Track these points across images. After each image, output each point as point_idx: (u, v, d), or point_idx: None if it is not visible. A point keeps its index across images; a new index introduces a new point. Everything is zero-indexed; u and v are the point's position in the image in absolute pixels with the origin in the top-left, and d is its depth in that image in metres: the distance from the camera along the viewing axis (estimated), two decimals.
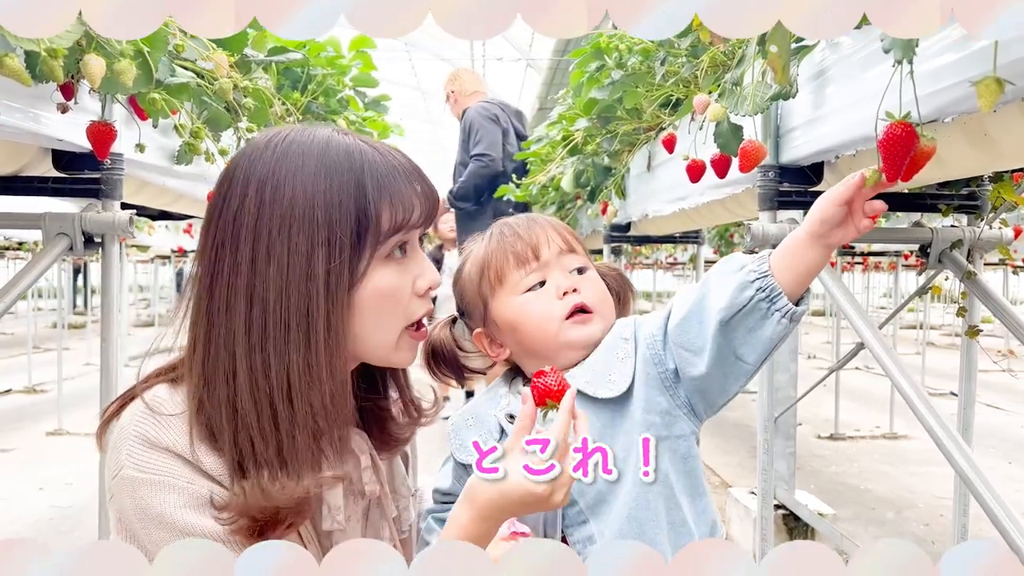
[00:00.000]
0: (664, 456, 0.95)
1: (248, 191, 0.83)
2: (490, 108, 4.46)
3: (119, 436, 0.86)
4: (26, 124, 1.21)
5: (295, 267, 0.82)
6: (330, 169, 0.84)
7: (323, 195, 0.83)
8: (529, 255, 1.01)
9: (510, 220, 1.06)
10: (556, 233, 1.03)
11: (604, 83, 2.30)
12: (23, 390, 6.08)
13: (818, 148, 1.31)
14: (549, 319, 0.99)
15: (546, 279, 1.00)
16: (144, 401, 0.87)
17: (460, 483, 1.00)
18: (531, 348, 1.02)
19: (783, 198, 1.43)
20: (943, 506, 3.55)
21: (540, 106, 10.21)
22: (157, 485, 0.82)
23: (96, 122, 1.26)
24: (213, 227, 0.85)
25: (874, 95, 1.11)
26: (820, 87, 1.30)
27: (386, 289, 0.87)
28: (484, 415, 1.03)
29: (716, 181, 1.73)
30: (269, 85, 2.00)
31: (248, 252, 0.83)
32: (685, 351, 0.93)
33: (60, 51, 0.88)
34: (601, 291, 1.02)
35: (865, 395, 5.92)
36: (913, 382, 1.20)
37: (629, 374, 0.96)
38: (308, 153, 0.84)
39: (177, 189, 1.87)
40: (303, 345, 0.83)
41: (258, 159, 0.85)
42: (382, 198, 0.85)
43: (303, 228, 0.82)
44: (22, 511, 3.36)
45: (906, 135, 0.81)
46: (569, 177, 2.92)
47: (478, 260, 1.04)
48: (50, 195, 1.41)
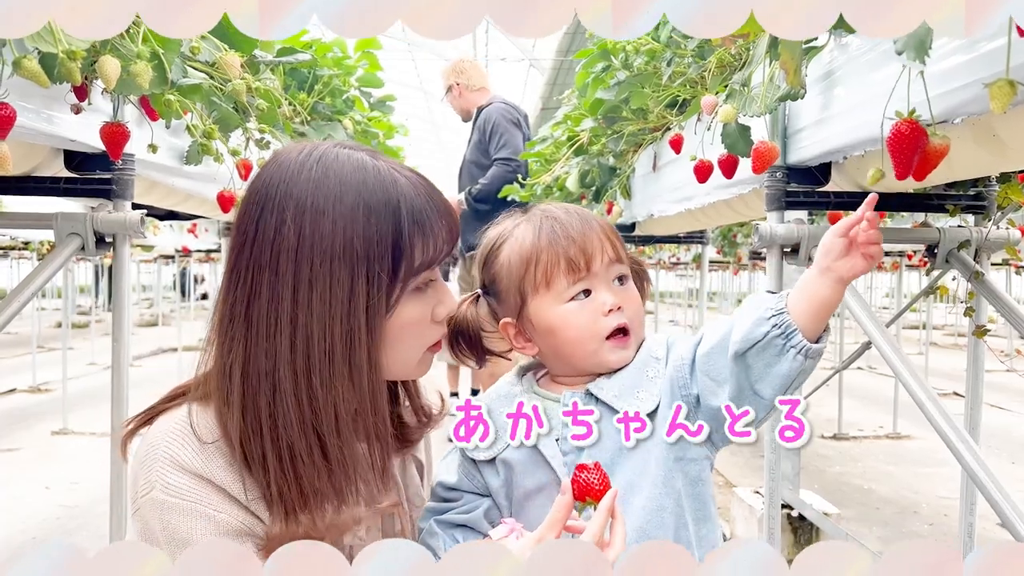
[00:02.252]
0: (678, 477, 0.94)
1: (286, 217, 0.83)
2: (512, 112, 4.42)
3: (149, 454, 0.86)
4: (40, 125, 1.22)
5: (337, 299, 0.83)
6: (368, 203, 0.84)
7: (362, 229, 0.84)
8: (582, 264, 0.96)
9: (559, 214, 1.00)
10: (607, 240, 0.98)
11: (610, 84, 2.31)
12: (28, 389, 6.09)
13: (826, 149, 1.32)
14: (591, 337, 0.97)
15: (592, 289, 0.97)
16: (175, 421, 0.88)
17: (467, 478, 1.00)
18: (564, 356, 1.00)
19: (791, 198, 1.44)
20: (947, 506, 3.55)
21: (543, 106, 10.21)
22: (186, 512, 0.83)
23: (110, 123, 1.27)
24: (248, 250, 0.85)
25: (882, 96, 1.12)
26: (828, 88, 1.31)
27: (412, 320, 0.90)
28: (496, 413, 0.99)
29: (723, 181, 1.74)
30: (276, 86, 2.01)
31: (290, 280, 0.83)
32: (709, 380, 0.93)
33: (79, 53, 0.88)
34: (638, 306, 1.00)
35: (868, 395, 5.92)
36: (922, 382, 1.21)
37: (657, 393, 0.95)
38: (346, 183, 0.85)
39: (186, 189, 1.88)
40: (347, 378, 0.84)
41: (294, 183, 0.84)
42: (416, 234, 0.87)
43: (344, 262, 0.83)
44: (29, 510, 3.37)
45: (913, 132, 0.82)
46: (574, 177, 2.92)
47: (523, 252, 0.99)
48: (62, 195, 1.42)
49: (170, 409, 0.91)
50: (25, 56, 0.86)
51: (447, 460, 1.04)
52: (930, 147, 0.82)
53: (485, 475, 0.98)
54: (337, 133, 2.68)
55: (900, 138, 0.83)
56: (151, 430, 0.89)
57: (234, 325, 0.86)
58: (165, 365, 6.92)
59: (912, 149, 0.81)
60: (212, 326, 0.89)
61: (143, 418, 0.92)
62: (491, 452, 0.97)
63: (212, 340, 0.89)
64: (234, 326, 0.85)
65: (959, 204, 1.51)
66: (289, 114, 2.17)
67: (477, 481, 0.99)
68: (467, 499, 1.00)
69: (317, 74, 2.52)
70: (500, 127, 4.34)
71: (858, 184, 1.46)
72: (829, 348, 7.87)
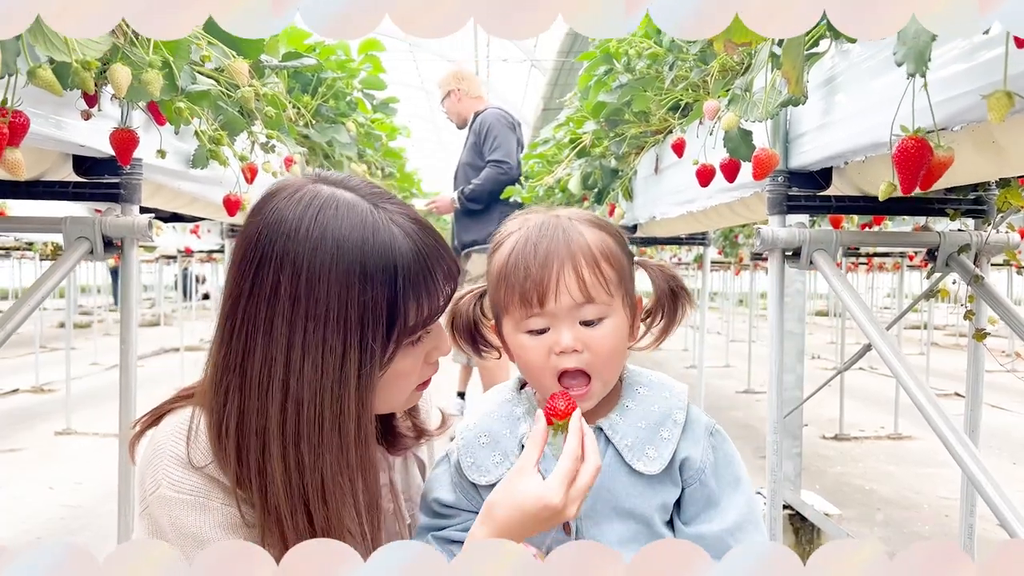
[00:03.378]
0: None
1: (281, 278, 0.83)
2: (508, 117, 4.58)
3: (155, 453, 0.88)
4: (50, 131, 1.24)
5: (329, 367, 0.83)
6: (365, 267, 0.84)
7: (357, 295, 0.84)
8: (533, 301, 0.91)
9: (535, 238, 0.94)
10: (574, 278, 0.90)
11: (612, 87, 2.32)
12: (30, 389, 6.12)
13: (827, 154, 1.33)
14: (542, 372, 0.94)
15: (548, 327, 0.92)
16: (181, 421, 0.90)
17: (465, 497, 0.99)
18: (529, 380, 1.00)
19: (792, 202, 1.45)
20: (948, 506, 3.56)
21: (545, 106, 10.22)
22: (193, 506, 0.85)
23: (119, 129, 1.28)
24: (244, 302, 0.85)
25: (883, 103, 1.13)
26: (829, 94, 1.32)
27: (404, 371, 0.91)
28: (499, 435, 0.99)
29: (725, 185, 1.75)
30: (281, 89, 2.03)
31: (283, 344, 0.83)
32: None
33: (93, 63, 0.90)
34: (610, 347, 0.93)
35: (869, 395, 5.94)
36: (922, 384, 1.22)
37: (667, 458, 0.94)
38: (343, 245, 0.83)
39: (192, 192, 1.89)
40: (335, 446, 0.85)
41: (291, 242, 0.83)
42: (411, 297, 0.87)
43: (338, 329, 0.83)
44: (32, 510, 3.39)
45: (919, 149, 0.83)
46: (577, 179, 2.94)
47: (497, 269, 0.96)
48: (71, 199, 1.43)
49: (176, 409, 0.93)
50: (40, 66, 0.87)
51: (439, 473, 1.03)
52: (935, 160, 0.83)
53: (484, 497, 0.94)
54: (340, 135, 2.70)
55: (906, 154, 0.84)
56: (157, 431, 0.91)
57: (229, 376, 0.86)
58: (167, 365, 6.94)
59: (918, 164, 0.82)
60: (211, 357, 0.89)
61: (149, 419, 0.94)
62: (492, 478, 0.97)
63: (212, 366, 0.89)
64: (229, 376, 0.86)
65: (959, 208, 1.52)
66: (294, 117, 2.19)
67: (476, 501, 0.98)
68: (464, 517, 0.99)
69: (321, 77, 2.53)
70: (495, 130, 4.46)
71: (859, 188, 1.47)
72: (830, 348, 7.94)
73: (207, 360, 0.91)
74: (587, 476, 0.85)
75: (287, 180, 0.91)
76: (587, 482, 0.85)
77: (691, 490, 0.95)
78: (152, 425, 0.93)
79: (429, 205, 4.68)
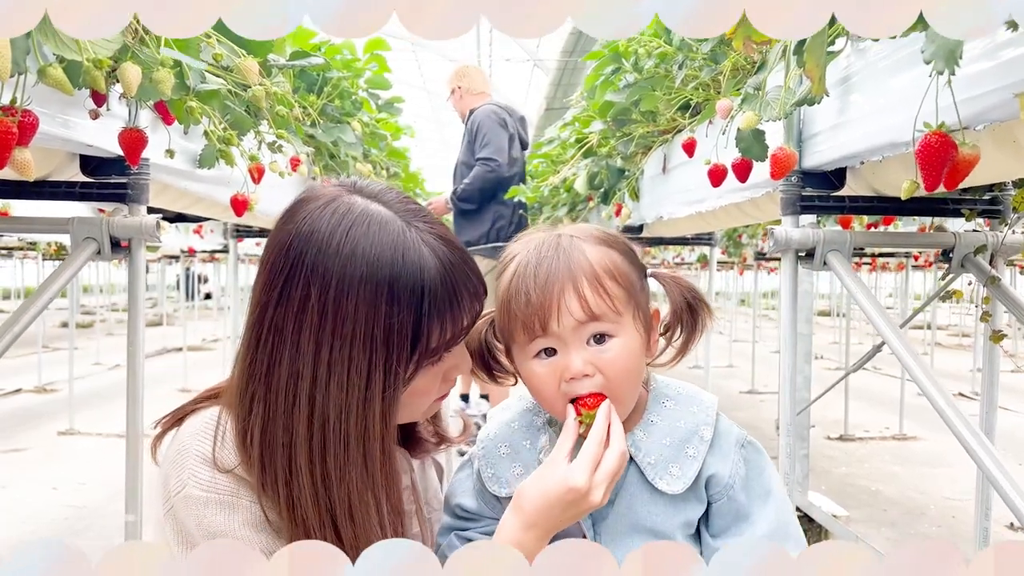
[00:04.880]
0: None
1: (311, 292, 0.82)
2: (499, 112, 4.47)
3: (179, 453, 0.87)
4: (57, 130, 1.23)
5: (354, 387, 0.83)
6: (393, 289, 0.83)
7: (384, 318, 0.83)
8: (536, 327, 0.88)
9: (534, 258, 0.91)
10: (576, 299, 0.87)
11: (619, 86, 2.31)
12: (33, 389, 6.10)
13: (842, 154, 1.31)
14: (553, 399, 0.91)
15: (556, 349, 0.89)
16: (205, 420, 0.89)
17: (487, 504, 0.98)
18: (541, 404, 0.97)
19: (806, 203, 1.43)
20: (954, 508, 3.54)
21: (548, 106, 10.21)
22: (221, 504, 0.85)
23: (128, 128, 1.27)
24: (272, 312, 0.84)
25: (902, 102, 1.12)
26: (845, 93, 1.30)
27: (423, 389, 0.90)
28: (519, 446, 0.98)
29: (736, 185, 1.74)
30: (287, 88, 2.02)
31: (310, 359, 0.83)
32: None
33: (105, 62, 0.88)
34: (622, 367, 0.89)
35: (874, 396, 5.91)
36: (939, 384, 1.21)
37: (691, 477, 0.91)
38: (373, 264, 0.83)
39: (198, 192, 1.88)
40: (360, 463, 0.85)
41: (321, 256, 0.83)
42: (436, 320, 0.86)
43: (364, 348, 0.83)
44: (36, 511, 3.37)
45: (942, 145, 0.82)
46: (583, 179, 2.93)
47: (502, 295, 0.93)
48: (78, 199, 1.42)
49: (199, 410, 0.92)
50: (50, 64, 0.86)
51: (463, 478, 1.01)
52: (960, 157, 0.82)
53: (506, 507, 0.92)
54: (346, 135, 2.68)
55: (929, 150, 0.82)
56: (180, 431, 0.90)
57: (254, 384, 0.86)
58: (170, 365, 6.93)
59: (942, 161, 0.81)
60: (238, 362, 0.89)
61: (172, 420, 0.94)
62: (512, 490, 0.94)
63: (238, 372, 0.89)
64: (254, 385, 0.86)
65: (975, 208, 1.51)
66: (300, 116, 2.17)
67: (497, 510, 0.97)
68: (487, 522, 0.98)
69: (327, 76, 2.52)
70: (484, 127, 4.38)
71: (874, 189, 1.46)
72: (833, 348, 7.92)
73: (234, 363, 0.91)
74: (612, 460, 0.85)
75: (320, 188, 0.89)
76: (612, 466, 0.85)
77: (718, 505, 0.93)
78: (175, 426, 0.93)
79: (427, 207, 4.64)
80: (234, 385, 0.89)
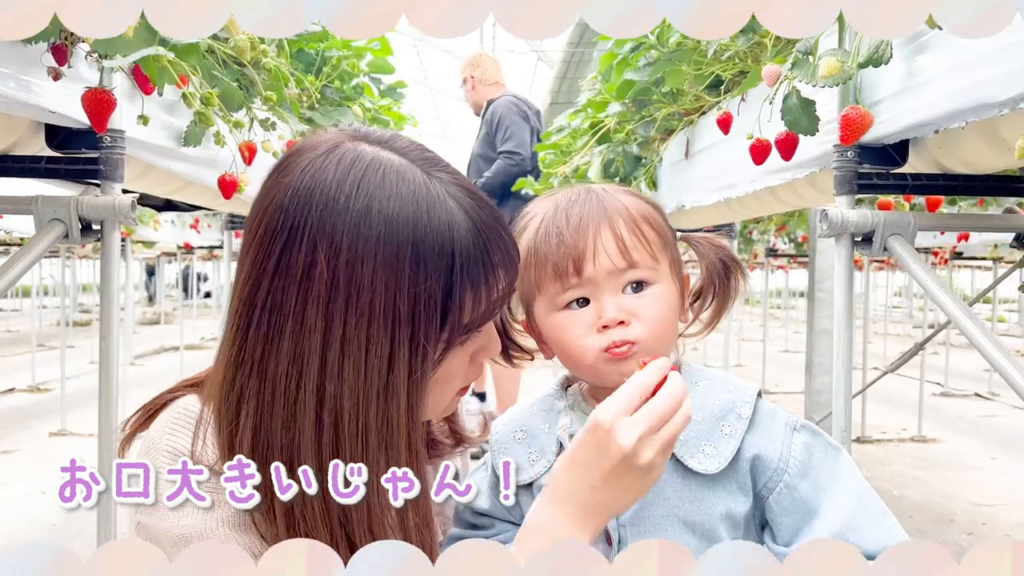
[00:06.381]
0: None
1: (317, 258, 0.68)
2: (520, 104, 4.40)
3: (149, 451, 0.75)
4: (16, 93, 1.07)
5: (373, 372, 0.69)
6: (418, 251, 0.69)
7: (408, 285, 0.69)
8: (569, 270, 0.82)
9: (564, 204, 0.85)
10: (613, 239, 0.82)
11: (639, 64, 2.16)
12: (27, 389, 6.00)
13: (911, 122, 1.15)
14: (584, 351, 0.83)
15: (589, 298, 0.83)
16: (175, 412, 0.76)
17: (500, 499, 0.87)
18: (568, 367, 0.89)
19: (864, 180, 1.27)
20: (984, 514, 3.41)
21: (552, 100, 10.08)
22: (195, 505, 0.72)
23: (93, 89, 1.11)
24: (266, 285, 0.70)
25: (991, 55, 0.96)
26: (913, 53, 1.15)
27: (451, 374, 0.77)
28: (536, 429, 0.89)
29: (772, 167, 1.59)
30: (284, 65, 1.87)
31: (318, 340, 0.68)
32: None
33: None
34: (659, 315, 0.83)
35: (890, 397, 5.77)
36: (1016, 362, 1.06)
37: (728, 456, 0.81)
38: (393, 222, 0.69)
39: (185, 175, 1.73)
40: (383, 464, 0.70)
41: (328, 212, 0.68)
42: (468, 291, 0.72)
43: (384, 323, 0.69)
44: (26, 514, 3.26)
45: None
46: (597, 167, 2.77)
47: (526, 247, 0.86)
48: (43, 176, 1.26)
49: (170, 402, 0.80)
50: None
51: (476, 481, 0.90)
52: None
53: (522, 502, 0.84)
54: (346, 119, 2.54)
55: None
56: (150, 428, 0.79)
57: (243, 376, 0.71)
58: (168, 364, 6.82)
59: None
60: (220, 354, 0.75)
61: (140, 418, 0.81)
62: (527, 476, 0.85)
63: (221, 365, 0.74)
64: (243, 377, 0.71)
65: None
66: (297, 96, 2.03)
67: (515, 512, 0.87)
68: (499, 527, 0.89)
69: (325, 56, 2.38)
70: (506, 120, 4.29)
71: (940, 165, 1.30)
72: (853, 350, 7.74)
73: (217, 352, 0.76)
74: (663, 404, 0.71)
75: (318, 135, 0.75)
76: (671, 431, 0.71)
77: (776, 499, 0.81)
78: (144, 426, 0.80)
79: None
80: (218, 380, 0.74)
